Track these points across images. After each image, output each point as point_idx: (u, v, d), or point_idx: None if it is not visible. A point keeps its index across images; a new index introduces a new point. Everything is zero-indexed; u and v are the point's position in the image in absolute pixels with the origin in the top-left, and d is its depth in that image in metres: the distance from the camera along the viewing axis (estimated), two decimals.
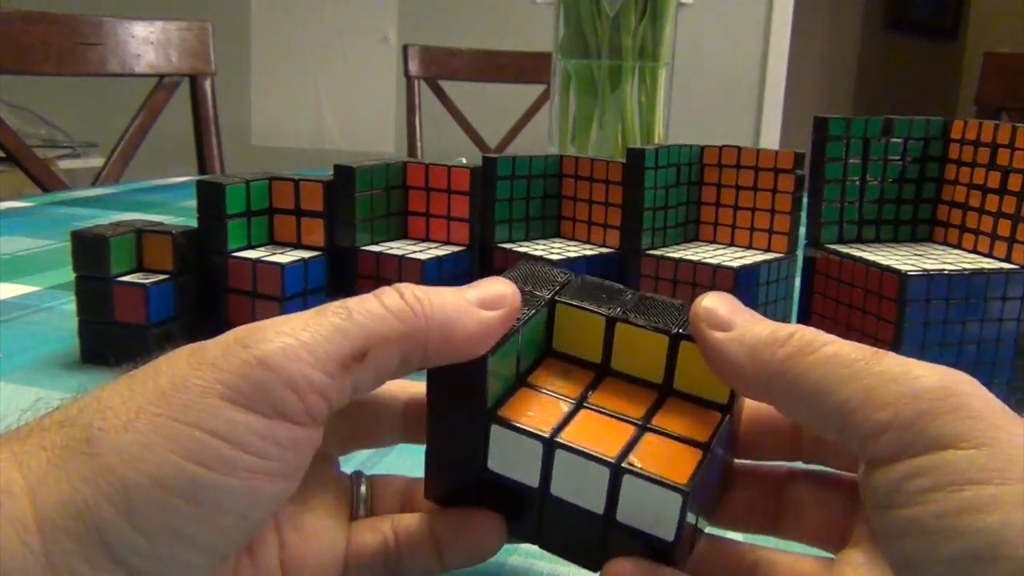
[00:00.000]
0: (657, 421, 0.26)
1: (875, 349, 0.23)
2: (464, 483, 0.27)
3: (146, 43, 1.33)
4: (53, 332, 0.55)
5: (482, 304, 0.25)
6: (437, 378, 0.26)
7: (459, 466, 0.27)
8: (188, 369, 0.22)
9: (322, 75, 3.06)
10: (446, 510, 0.28)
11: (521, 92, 1.80)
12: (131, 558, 0.21)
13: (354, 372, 0.23)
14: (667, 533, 0.24)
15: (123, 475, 0.21)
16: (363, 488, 0.29)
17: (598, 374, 0.28)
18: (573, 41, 0.73)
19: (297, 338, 0.23)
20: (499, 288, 0.26)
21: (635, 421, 0.26)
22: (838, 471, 0.27)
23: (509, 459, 0.26)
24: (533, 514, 0.26)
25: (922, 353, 0.44)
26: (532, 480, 0.26)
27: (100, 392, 0.23)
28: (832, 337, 0.24)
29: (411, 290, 0.25)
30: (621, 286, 0.29)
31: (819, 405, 0.23)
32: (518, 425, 0.25)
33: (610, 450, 0.25)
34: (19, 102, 2.61)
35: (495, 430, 0.26)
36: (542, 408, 0.26)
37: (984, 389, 0.22)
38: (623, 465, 0.24)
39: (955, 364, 0.44)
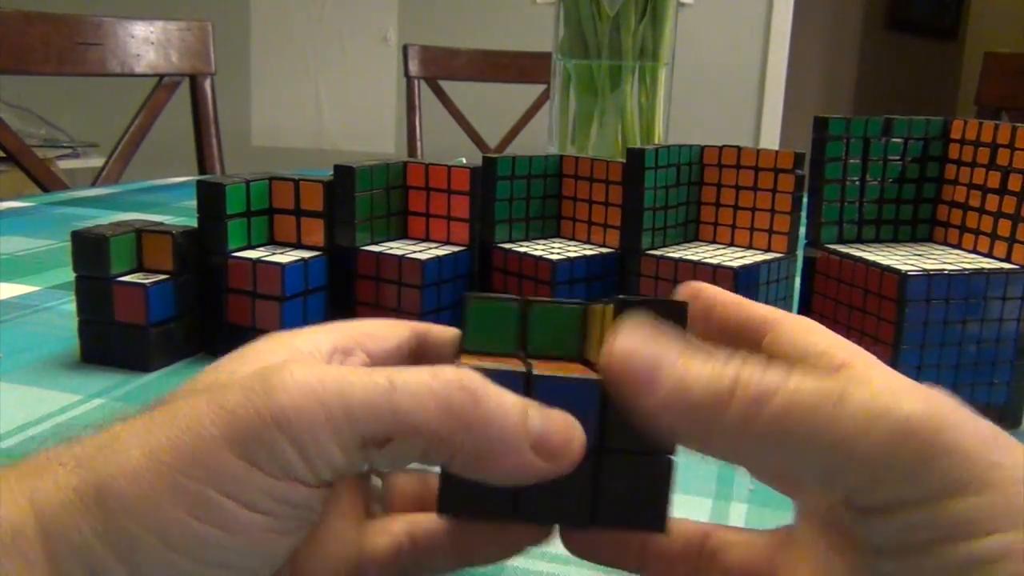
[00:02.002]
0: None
1: (833, 379, 0.20)
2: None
3: (146, 43, 1.33)
4: (53, 332, 0.55)
5: (540, 444, 0.22)
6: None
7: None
8: (205, 412, 0.21)
9: (322, 75, 3.06)
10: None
11: (521, 92, 1.80)
12: None
13: (370, 454, 0.22)
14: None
15: (130, 530, 0.21)
16: (378, 483, 0.28)
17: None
18: (573, 41, 0.73)
19: (322, 400, 0.21)
20: (569, 432, 0.23)
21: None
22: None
23: None
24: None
25: (922, 353, 0.44)
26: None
27: (120, 429, 0.22)
28: (777, 376, 0.20)
29: (471, 382, 0.22)
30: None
31: (793, 464, 0.21)
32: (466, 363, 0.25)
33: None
34: (19, 102, 2.61)
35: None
36: (499, 361, 0.26)
37: (967, 412, 0.20)
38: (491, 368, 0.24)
39: (955, 364, 0.44)
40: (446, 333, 0.29)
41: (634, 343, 0.21)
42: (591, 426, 0.23)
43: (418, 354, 0.29)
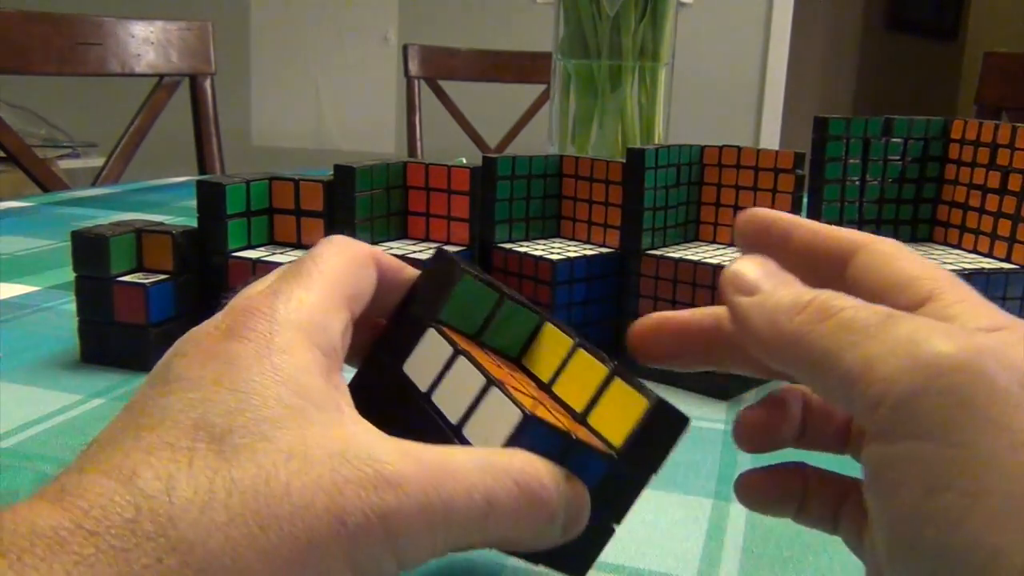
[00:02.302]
0: (558, 390, 0.28)
1: (901, 313, 0.21)
2: (376, 380, 0.29)
3: (146, 43, 1.33)
4: (53, 332, 0.55)
5: (565, 527, 0.25)
6: (415, 287, 0.29)
7: (382, 361, 0.29)
8: (326, 527, 0.21)
9: (322, 75, 3.06)
10: None
11: (521, 92, 1.80)
12: None
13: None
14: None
15: None
16: None
17: (540, 386, 0.29)
18: (573, 41, 0.73)
19: (431, 521, 0.22)
20: (584, 512, 0.25)
21: (539, 383, 0.29)
22: None
23: (420, 362, 0.28)
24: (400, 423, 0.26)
25: None
26: (423, 384, 0.27)
27: (172, 487, 0.20)
28: (855, 302, 0.22)
29: (551, 502, 0.24)
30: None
31: (824, 374, 0.21)
32: (447, 334, 0.27)
33: (499, 375, 0.26)
34: (19, 102, 2.61)
35: (429, 334, 0.28)
36: (468, 346, 0.28)
37: (1008, 370, 0.19)
38: (496, 382, 0.25)
39: None
40: (400, 272, 0.30)
41: (752, 262, 0.25)
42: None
43: (379, 293, 0.29)
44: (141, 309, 0.49)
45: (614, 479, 0.26)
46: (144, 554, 0.19)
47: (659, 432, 0.26)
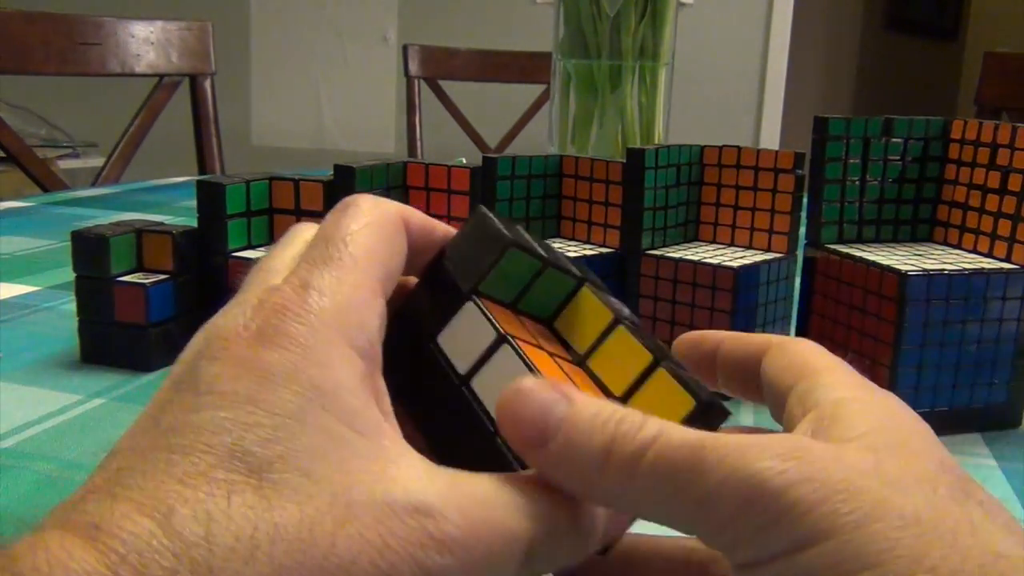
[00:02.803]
0: (594, 367, 0.27)
1: (694, 437, 0.21)
2: (406, 350, 0.27)
3: (146, 43, 1.33)
4: (53, 332, 0.55)
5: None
6: (450, 248, 0.28)
7: (413, 330, 0.27)
8: (338, 531, 0.20)
9: (322, 75, 3.06)
10: None
11: (521, 92, 1.80)
12: None
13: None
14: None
15: None
16: None
17: (574, 359, 0.28)
18: (573, 41, 0.73)
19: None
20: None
21: (573, 354, 0.28)
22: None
23: (458, 338, 0.26)
24: (438, 408, 0.26)
25: (922, 353, 0.44)
26: (462, 365, 0.26)
27: (211, 533, 0.19)
28: (653, 426, 0.21)
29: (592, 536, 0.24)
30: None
31: (671, 519, 0.21)
32: (487, 311, 0.26)
33: (538, 358, 0.25)
34: (19, 102, 2.61)
35: (467, 308, 0.26)
36: (505, 319, 0.26)
37: (830, 454, 0.21)
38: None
39: (955, 364, 0.44)
40: (432, 232, 0.28)
41: (522, 396, 0.22)
42: None
43: (409, 256, 0.27)
44: (141, 309, 0.49)
45: None
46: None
47: (702, 427, 0.25)
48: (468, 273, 0.27)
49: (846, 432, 0.22)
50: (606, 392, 0.26)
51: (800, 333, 0.52)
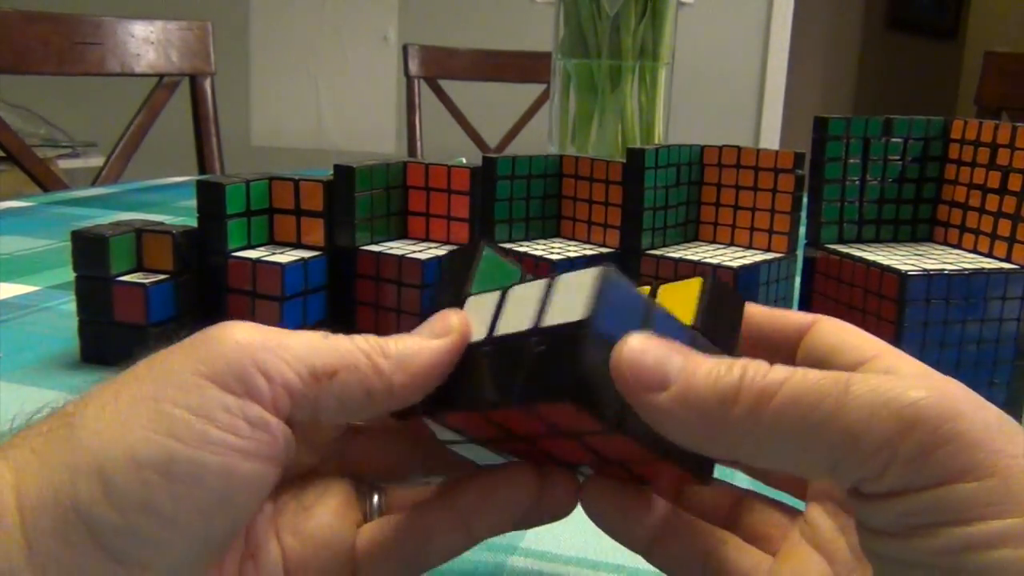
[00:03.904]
0: None
1: (846, 374, 0.21)
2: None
3: (146, 43, 1.33)
4: (53, 332, 0.55)
5: (432, 336, 0.26)
6: (449, 259, 0.30)
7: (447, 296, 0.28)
8: (171, 352, 0.24)
9: (322, 75, 3.06)
10: (468, 480, 0.27)
11: (521, 92, 1.80)
12: (110, 539, 0.21)
13: (323, 386, 0.24)
14: (581, 312, 0.23)
15: (98, 453, 0.22)
16: (376, 498, 0.28)
17: None
18: (573, 41, 0.73)
19: (279, 340, 0.24)
20: (449, 320, 0.26)
21: None
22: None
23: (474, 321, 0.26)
24: (477, 365, 0.26)
25: (922, 353, 0.44)
26: (484, 330, 0.26)
27: (91, 388, 0.24)
28: (784, 370, 0.21)
29: (374, 338, 0.26)
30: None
31: (799, 456, 0.21)
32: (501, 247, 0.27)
33: None
34: (19, 101, 2.61)
35: (468, 302, 0.27)
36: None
37: (976, 400, 0.21)
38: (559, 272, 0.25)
39: (955, 364, 0.44)
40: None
41: (639, 344, 0.22)
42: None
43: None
44: (141, 309, 0.49)
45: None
46: (49, 426, 0.23)
47: (724, 305, 0.27)
48: (457, 288, 0.29)
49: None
50: None
51: None
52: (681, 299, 0.27)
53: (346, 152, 3.00)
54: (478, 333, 0.26)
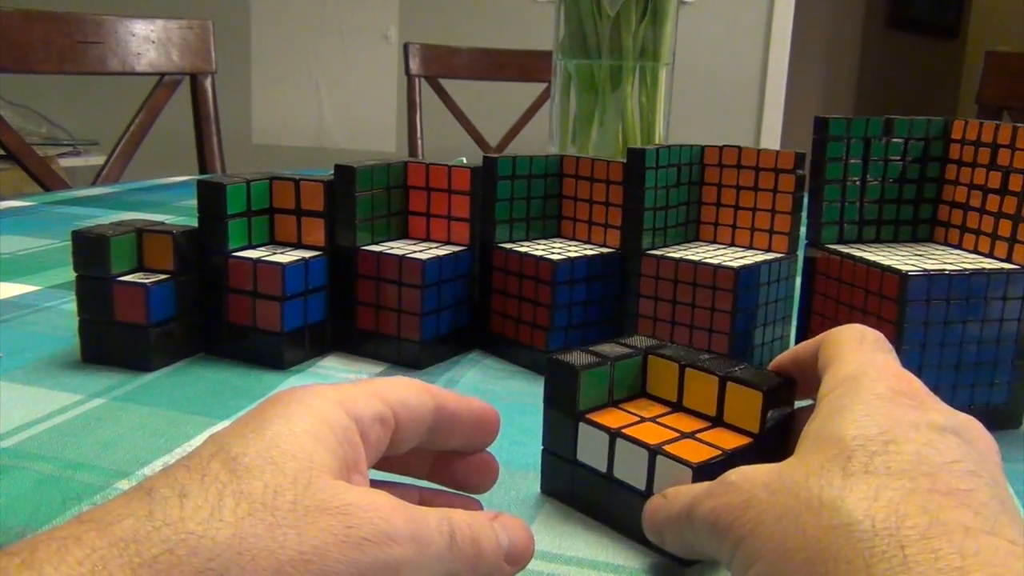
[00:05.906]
0: (701, 435, 0.34)
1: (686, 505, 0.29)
2: (563, 473, 0.36)
3: (147, 41, 1.33)
4: (53, 332, 0.55)
5: (509, 558, 0.28)
6: (547, 385, 0.36)
7: (558, 459, 0.36)
8: (300, 498, 0.23)
9: (322, 74, 3.06)
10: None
11: (521, 91, 1.80)
12: None
13: None
14: None
15: None
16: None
17: (673, 408, 0.36)
18: (573, 41, 0.73)
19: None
20: (528, 544, 0.29)
21: (683, 432, 0.34)
22: None
23: (589, 450, 0.34)
24: (605, 498, 0.34)
25: (923, 353, 0.44)
26: (602, 466, 0.34)
27: (184, 495, 0.22)
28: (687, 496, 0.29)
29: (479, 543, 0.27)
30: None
31: (704, 546, 0.28)
32: (595, 422, 0.34)
33: (654, 441, 0.33)
34: (20, 100, 2.61)
35: (582, 427, 0.35)
36: (620, 419, 0.35)
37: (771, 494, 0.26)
38: (658, 448, 0.32)
39: (956, 364, 0.44)
40: (460, 404, 0.31)
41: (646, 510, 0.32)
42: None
43: (434, 426, 0.30)
44: (141, 309, 0.49)
45: (761, 454, 0.31)
46: (154, 545, 0.21)
47: (779, 404, 0.34)
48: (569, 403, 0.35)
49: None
50: (704, 416, 0.35)
51: (800, 333, 0.52)
52: (743, 407, 0.34)
53: (347, 151, 3.00)
54: (598, 463, 0.35)
